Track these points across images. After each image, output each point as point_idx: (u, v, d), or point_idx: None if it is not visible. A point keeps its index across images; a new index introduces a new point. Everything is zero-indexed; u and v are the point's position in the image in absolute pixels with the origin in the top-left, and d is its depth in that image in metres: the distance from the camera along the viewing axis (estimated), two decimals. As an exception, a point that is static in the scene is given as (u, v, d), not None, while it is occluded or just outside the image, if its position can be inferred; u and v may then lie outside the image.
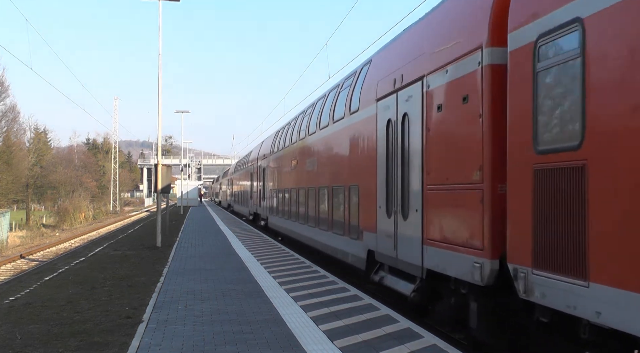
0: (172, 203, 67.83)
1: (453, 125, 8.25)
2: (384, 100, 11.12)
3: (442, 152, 8.55)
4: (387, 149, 10.90)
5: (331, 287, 12.15)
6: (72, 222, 62.34)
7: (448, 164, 8.35)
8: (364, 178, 12.32)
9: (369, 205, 11.91)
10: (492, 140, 7.22)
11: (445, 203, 8.41)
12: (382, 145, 11.18)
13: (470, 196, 7.61)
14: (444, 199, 8.44)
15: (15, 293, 14.14)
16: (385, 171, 10.89)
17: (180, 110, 61.83)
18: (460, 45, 8.02)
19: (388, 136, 10.82)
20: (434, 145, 8.81)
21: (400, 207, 10.08)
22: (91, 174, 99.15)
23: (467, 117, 7.76)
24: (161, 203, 26.43)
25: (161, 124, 25.94)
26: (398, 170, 10.24)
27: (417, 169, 9.32)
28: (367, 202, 12.10)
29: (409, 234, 9.68)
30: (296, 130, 21.32)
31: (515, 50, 6.72)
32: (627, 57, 5.12)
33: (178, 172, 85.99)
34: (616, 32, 5.23)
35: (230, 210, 58.34)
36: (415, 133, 9.47)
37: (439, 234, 8.55)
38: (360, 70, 13.71)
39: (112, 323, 9.94)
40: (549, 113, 6.12)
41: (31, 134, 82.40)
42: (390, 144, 10.74)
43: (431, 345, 7.50)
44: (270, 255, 18.46)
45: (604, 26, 5.38)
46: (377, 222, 11.29)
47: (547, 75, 6.15)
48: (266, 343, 7.85)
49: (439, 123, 8.66)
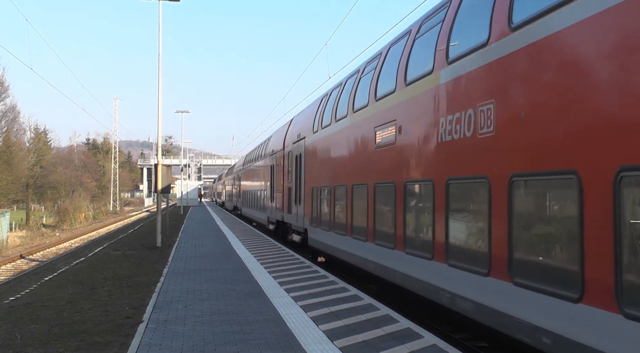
0: (172, 203, 67.76)
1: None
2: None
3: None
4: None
5: (331, 287, 12.14)
6: (72, 222, 62.31)
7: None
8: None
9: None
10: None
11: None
12: None
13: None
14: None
15: (16, 293, 14.14)
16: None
17: (180, 110, 61.83)
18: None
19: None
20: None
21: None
22: (91, 174, 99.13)
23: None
24: (161, 204, 26.44)
25: (161, 124, 25.97)
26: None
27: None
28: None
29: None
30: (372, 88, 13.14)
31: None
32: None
33: (178, 172, 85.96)
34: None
35: (237, 213, 49.24)
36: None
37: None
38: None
39: (112, 323, 9.94)
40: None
41: (31, 134, 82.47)
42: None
43: (431, 345, 7.50)
44: (270, 255, 18.46)
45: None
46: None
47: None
48: (266, 343, 7.85)
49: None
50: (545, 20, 6.59)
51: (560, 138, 6.22)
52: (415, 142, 10.24)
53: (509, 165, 7.15)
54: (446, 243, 8.69)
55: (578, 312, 5.71)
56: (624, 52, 5.42)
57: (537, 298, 6.41)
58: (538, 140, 6.64)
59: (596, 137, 5.66)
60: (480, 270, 7.62)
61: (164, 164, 24.62)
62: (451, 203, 8.69)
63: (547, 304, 6.22)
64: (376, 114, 12.37)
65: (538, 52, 6.74)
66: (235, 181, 52.60)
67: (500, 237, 7.18)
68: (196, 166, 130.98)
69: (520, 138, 6.98)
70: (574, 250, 5.82)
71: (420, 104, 10.01)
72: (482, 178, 7.74)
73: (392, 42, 12.45)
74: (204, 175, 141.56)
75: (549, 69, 6.57)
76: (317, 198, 17.68)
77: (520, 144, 6.97)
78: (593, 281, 5.53)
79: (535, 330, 6.44)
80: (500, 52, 7.55)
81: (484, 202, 7.64)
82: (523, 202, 6.94)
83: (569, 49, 6.26)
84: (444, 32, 9.31)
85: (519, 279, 6.78)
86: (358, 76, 14.61)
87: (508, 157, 7.22)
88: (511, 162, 7.13)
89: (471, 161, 8.14)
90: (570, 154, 6.02)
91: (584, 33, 5.98)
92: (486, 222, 7.53)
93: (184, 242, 23.48)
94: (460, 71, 8.62)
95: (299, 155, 20.87)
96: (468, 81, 8.44)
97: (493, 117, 7.60)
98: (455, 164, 8.66)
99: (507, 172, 7.14)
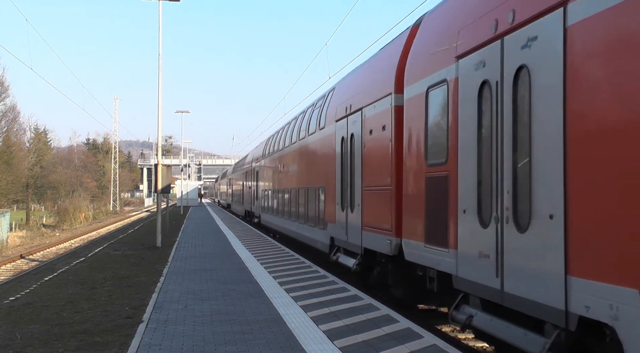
0: (172, 203, 67.74)
1: (377, 145, 11.32)
2: (340, 122, 14.26)
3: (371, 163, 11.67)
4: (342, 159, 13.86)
5: (331, 287, 12.15)
6: (72, 222, 62.29)
7: (373, 172, 11.53)
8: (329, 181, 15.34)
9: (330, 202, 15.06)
10: (396, 158, 10.27)
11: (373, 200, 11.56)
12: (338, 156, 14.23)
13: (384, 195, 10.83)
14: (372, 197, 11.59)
15: (16, 293, 14.15)
16: (341, 176, 13.97)
17: (180, 110, 61.82)
18: (380, 91, 11.27)
19: (343, 149, 13.78)
20: (367, 158, 11.93)
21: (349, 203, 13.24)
22: (91, 174, 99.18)
23: (384, 141, 10.86)
24: (161, 204, 26.44)
25: (161, 124, 25.97)
26: (347, 176, 13.35)
27: (359, 175, 12.31)
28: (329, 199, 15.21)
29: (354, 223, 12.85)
30: (281, 138, 24.80)
31: (410, 97, 9.67)
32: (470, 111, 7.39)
33: (178, 172, 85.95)
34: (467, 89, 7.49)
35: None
36: (358, 149, 12.45)
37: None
38: (327, 94, 16.92)
39: (112, 323, 9.95)
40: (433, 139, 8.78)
41: (31, 134, 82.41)
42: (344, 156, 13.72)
43: (431, 345, 7.50)
44: (270, 255, 18.46)
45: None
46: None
47: (433, 113, 8.79)
48: (266, 343, 7.85)
49: (370, 142, 11.77)
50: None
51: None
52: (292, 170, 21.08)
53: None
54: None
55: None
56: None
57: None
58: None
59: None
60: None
61: (164, 164, 24.63)
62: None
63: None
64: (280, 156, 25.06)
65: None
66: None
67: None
68: (196, 166, 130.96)
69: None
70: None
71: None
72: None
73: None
74: (204, 175, 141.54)
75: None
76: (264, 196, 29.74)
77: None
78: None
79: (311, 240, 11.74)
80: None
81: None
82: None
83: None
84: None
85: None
86: (278, 133, 26.73)
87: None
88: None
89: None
90: None
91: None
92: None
93: (184, 242, 23.49)
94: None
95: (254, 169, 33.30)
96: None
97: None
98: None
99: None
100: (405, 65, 10.05)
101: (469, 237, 7.46)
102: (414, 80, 9.53)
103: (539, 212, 6.01)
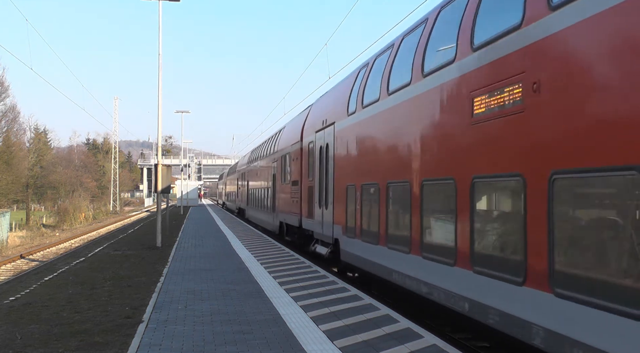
0: (172, 203, 67.70)
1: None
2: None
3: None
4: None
5: (331, 287, 12.15)
6: (72, 222, 62.26)
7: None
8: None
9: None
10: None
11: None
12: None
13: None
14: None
15: (16, 293, 14.15)
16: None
17: (180, 110, 61.74)
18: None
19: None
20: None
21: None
22: (91, 174, 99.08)
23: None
24: (161, 204, 26.44)
25: (161, 124, 25.97)
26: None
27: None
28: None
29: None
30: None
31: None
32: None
33: (178, 172, 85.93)
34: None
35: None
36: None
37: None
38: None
39: (112, 323, 9.95)
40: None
41: (31, 134, 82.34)
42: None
43: (431, 345, 7.51)
44: (270, 255, 18.46)
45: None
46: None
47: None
48: (266, 343, 7.85)
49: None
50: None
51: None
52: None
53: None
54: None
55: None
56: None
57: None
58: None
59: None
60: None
61: (164, 164, 24.63)
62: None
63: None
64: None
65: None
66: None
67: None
68: (196, 166, 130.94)
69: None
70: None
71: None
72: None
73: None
74: (204, 175, 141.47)
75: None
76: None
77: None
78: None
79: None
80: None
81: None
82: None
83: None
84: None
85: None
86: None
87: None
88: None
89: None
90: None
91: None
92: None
93: (184, 242, 23.49)
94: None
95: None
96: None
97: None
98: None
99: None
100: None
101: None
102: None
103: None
